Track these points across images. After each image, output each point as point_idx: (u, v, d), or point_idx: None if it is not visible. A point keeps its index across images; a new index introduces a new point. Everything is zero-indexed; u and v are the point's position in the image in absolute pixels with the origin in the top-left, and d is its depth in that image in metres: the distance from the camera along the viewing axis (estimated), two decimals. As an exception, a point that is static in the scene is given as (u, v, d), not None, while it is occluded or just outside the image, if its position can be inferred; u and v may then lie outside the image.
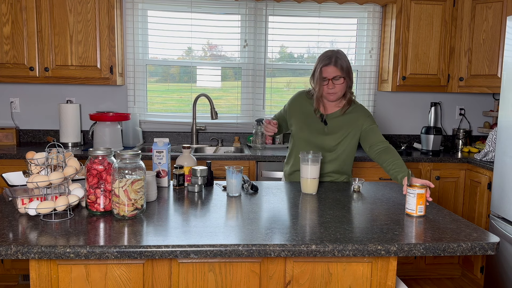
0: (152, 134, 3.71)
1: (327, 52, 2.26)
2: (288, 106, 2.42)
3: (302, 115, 2.35)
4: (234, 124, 3.77)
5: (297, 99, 2.40)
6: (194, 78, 3.76)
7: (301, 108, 2.37)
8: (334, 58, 2.20)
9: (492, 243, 1.46)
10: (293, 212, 1.77)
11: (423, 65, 3.49)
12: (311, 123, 2.33)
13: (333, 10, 3.71)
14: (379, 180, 3.24)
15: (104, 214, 1.65)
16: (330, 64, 2.20)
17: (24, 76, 3.22)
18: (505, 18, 3.23)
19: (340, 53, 2.25)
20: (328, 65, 2.20)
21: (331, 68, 2.20)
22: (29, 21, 3.17)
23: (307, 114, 2.35)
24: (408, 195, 1.76)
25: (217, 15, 3.67)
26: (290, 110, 2.40)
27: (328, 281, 1.52)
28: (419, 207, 1.74)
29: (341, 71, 2.21)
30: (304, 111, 2.35)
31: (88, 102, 3.65)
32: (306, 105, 2.36)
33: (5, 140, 3.43)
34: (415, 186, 1.75)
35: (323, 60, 2.22)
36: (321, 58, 2.24)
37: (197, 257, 1.38)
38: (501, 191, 2.79)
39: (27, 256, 1.33)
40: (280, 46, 3.77)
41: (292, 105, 2.40)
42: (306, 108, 2.35)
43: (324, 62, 2.22)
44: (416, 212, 1.75)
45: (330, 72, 2.20)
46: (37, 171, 1.68)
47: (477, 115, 3.95)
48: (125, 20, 3.55)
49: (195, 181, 2.08)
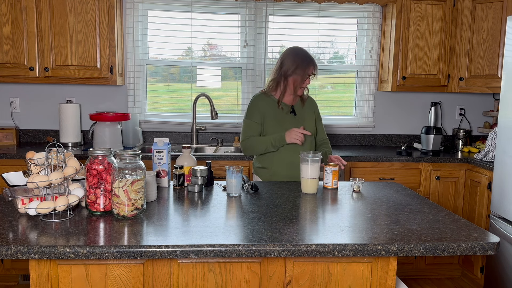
0: (152, 134, 3.71)
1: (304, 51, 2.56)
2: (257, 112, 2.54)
3: (271, 113, 2.54)
4: (234, 124, 3.77)
5: (259, 102, 2.56)
6: (194, 78, 3.76)
7: (268, 107, 2.55)
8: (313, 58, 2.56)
9: (492, 243, 1.46)
10: (293, 212, 1.77)
11: (423, 65, 3.49)
12: (282, 118, 2.54)
13: (333, 10, 3.71)
14: (379, 180, 3.24)
15: (104, 214, 1.65)
16: (313, 63, 2.53)
17: (24, 76, 3.22)
18: (505, 18, 3.23)
19: None
20: (315, 65, 2.54)
21: (314, 66, 2.54)
22: (29, 21, 3.17)
23: (274, 111, 2.55)
24: (326, 172, 2.20)
25: (217, 15, 3.67)
26: (261, 114, 2.53)
27: (328, 281, 1.52)
28: (334, 181, 2.19)
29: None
30: (270, 109, 2.55)
31: (88, 102, 3.65)
32: (269, 104, 2.55)
33: (5, 140, 3.43)
34: (330, 165, 2.19)
35: (309, 60, 2.52)
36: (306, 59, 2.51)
37: (197, 257, 1.38)
38: (501, 191, 2.79)
39: (27, 256, 1.33)
40: (280, 46, 3.77)
41: (260, 108, 2.54)
42: (270, 106, 2.55)
43: (313, 62, 2.52)
44: (332, 185, 2.19)
45: (315, 70, 2.55)
46: (37, 171, 1.68)
47: (477, 115, 3.95)
48: (125, 20, 3.55)
49: (195, 181, 2.08)
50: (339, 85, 3.87)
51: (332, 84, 3.89)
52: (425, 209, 1.86)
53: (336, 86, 3.87)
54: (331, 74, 3.88)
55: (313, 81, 2.70)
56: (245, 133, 2.54)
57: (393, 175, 3.25)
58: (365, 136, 3.88)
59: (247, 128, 2.54)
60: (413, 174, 3.27)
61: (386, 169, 3.24)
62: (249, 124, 2.53)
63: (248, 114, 2.55)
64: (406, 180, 3.26)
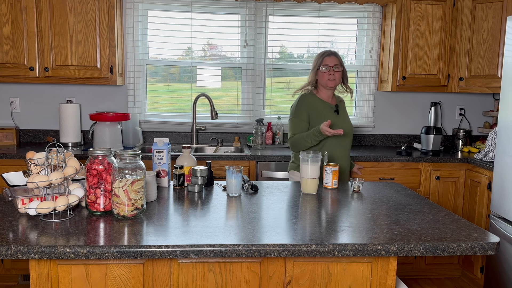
0: (152, 134, 3.71)
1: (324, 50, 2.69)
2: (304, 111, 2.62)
3: (316, 111, 2.62)
4: (234, 124, 3.76)
5: (306, 101, 2.65)
6: (194, 78, 3.76)
7: (313, 106, 2.63)
8: (333, 52, 2.65)
9: (492, 243, 1.46)
10: (293, 212, 1.77)
11: (423, 65, 3.49)
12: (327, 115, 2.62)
13: (333, 10, 3.71)
14: (379, 180, 3.24)
15: (104, 214, 1.65)
16: (331, 54, 2.63)
17: (24, 76, 3.22)
18: (505, 18, 3.23)
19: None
20: (330, 55, 2.63)
21: (332, 58, 2.62)
22: (29, 21, 3.17)
23: (319, 109, 2.63)
24: (326, 172, 2.19)
25: (217, 15, 3.67)
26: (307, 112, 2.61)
27: (328, 281, 1.52)
28: (334, 181, 2.19)
29: (339, 61, 2.64)
30: (316, 107, 2.63)
31: (88, 102, 3.65)
32: (314, 102, 2.65)
33: (5, 140, 3.43)
34: (330, 165, 2.19)
35: (324, 53, 2.65)
36: (320, 53, 2.66)
37: (197, 257, 1.38)
38: (501, 191, 2.79)
39: (27, 256, 1.33)
40: (280, 46, 3.77)
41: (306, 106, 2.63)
42: (315, 105, 2.64)
43: (326, 54, 2.64)
44: (332, 185, 2.19)
45: (331, 61, 2.61)
46: (37, 171, 1.68)
47: (477, 115, 3.95)
48: (125, 20, 3.55)
49: (195, 181, 2.08)
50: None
51: (332, 84, 3.89)
52: (425, 209, 1.86)
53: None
54: (331, 74, 3.87)
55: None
56: (292, 131, 2.64)
57: (393, 175, 3.25)
58: (365, 136, 3.88)
59: (294, 126, 2.64)
60: (413, 174, 3.27)
61: (386, 169, 3.24)
62: (297, 122, 2.63)
63: (295, 113, 2.65)
64: (406, 180, 3.26)
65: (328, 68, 2.59)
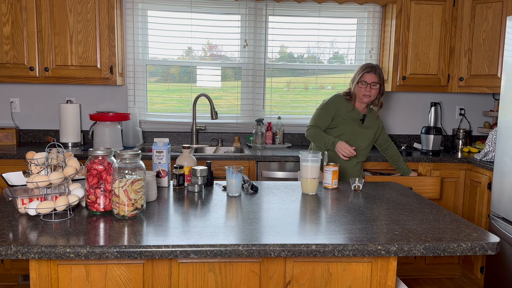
0: (152, 134, 3.71)
1: (369, 63, 2.79)
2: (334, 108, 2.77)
3: (343, 114, 2.77)
4: (234, 124, 3.77)
5: (338, 101, 2.80)
6: (194, 78, 3.76)
7: (343, 108, 2.77)
8: (375, 68, 2.74)
9: (492, 243, 1.46)
10: (293, 212, 1.77)
11: (423, 65, 3.49)
12: (351, 121, 2.77)
13: (333, 10, 3.71)
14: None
15: (104, 214, 1.65)
16: (371, 72, 2.72)
17: (24, 76, 3.22)
18: (505, 18, 3.23)
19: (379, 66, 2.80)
20: (370, 72, 2.72)
21: (371, 75, 2.72)
22: (29, 21, 3.17)
23: (346, 113, 2.78)
24: (326, 172, 2.18)
25: (217, 15, 3.67)
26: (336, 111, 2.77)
27: (328, 281, 1.52)
28: (334, 181, 2.19)
29: (378, 78, 2.73)
30: (344, 110, 2.78)
31: (88, 102, 3.65)
32: (345, 106, 2.79)
33: (5, 140, 3.43)
34: (330, 165, 2.18)
35: (366, 68, 2.74)
36: (363, 66, 2.76)
37: (197, 257, 1.38)
38: (501, 191, 2.79)
39: (27, 256, 1.33)
40: (280, 46, 3.77)
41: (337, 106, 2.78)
42: (345, 108, 2.78)
43: (367, 70, 2.73)
44: (332, 185, 2.19)
45: (370, 78, 2.72)
46: (37, 171, 1.68)
47: (477, 115, 3.95)
48: (125, 20, 3.55)
49: (195, 181, 2.08)
50: (339, 85, 3.87)
51: (332, 84, 3.89)
52: (425, 209, 1.86)
53: (336, 86, 3.87)
54: (331, 74, 3.88)
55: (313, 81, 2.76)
56: (314, 121, 2.81)
57: (393, 175, 3.25)
58: (365, 136, 3.87)
59: (318, 117, 2.81)
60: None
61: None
62: (322, 114, 2.79)
63: (325, 106, 2.81)
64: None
65: (366, 84, 2.71)
